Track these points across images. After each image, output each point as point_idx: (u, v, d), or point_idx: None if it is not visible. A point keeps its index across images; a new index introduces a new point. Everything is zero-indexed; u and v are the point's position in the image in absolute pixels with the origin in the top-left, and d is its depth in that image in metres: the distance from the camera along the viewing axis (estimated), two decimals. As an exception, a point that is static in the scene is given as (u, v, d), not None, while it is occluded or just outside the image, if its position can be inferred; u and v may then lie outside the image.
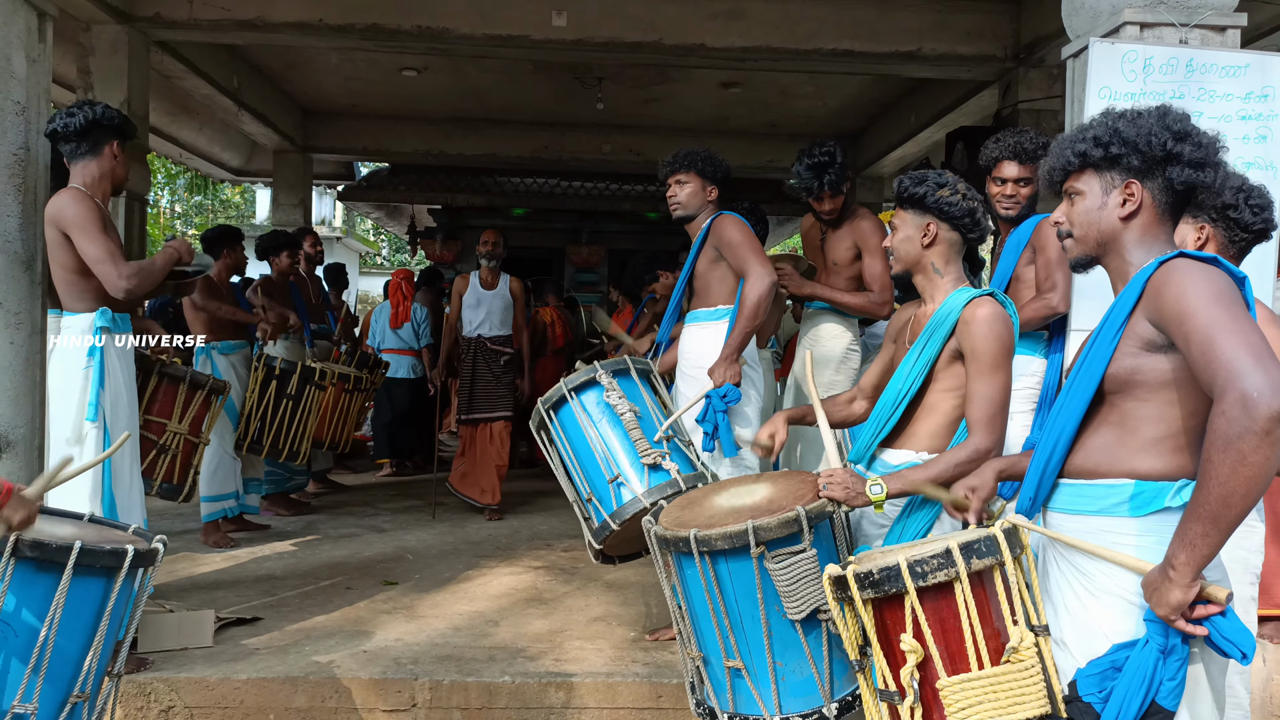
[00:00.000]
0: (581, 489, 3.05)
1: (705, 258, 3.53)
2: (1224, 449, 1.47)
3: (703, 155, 3.55)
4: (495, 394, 5.93)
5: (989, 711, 1.74)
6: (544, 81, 7.87)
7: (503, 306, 5.95)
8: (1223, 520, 1.50)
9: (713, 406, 3.20)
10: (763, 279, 3.29)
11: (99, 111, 3.12)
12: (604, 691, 3.07)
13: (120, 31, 5.63)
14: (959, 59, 6.01)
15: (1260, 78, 2.83)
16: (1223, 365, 1.50)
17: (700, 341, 3.50)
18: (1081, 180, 1.82)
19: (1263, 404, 1.44)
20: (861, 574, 1.84)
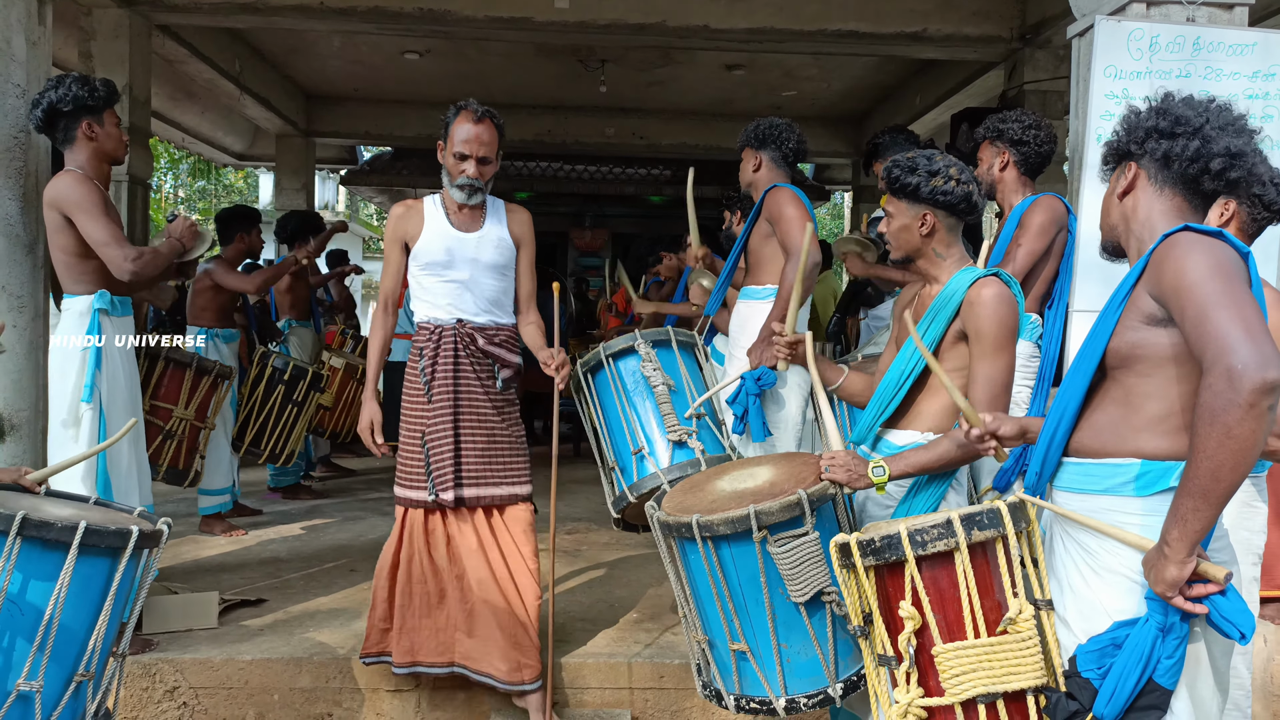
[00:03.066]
0: (608, 456, 3.05)
1: (759, 231, 3.41)
2: (1210, 423, 1.47)
3: (752, 126, 3.48)
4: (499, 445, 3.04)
5: (983, 679, 1.76)
6: (547, 64, 7.83)
7: (500, 263, 3.01)
8: (1212, 495, 1.50)
9: (745, 389, 3.10)
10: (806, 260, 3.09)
11: (56, 98, 2.99)
12: (606, 671, 3.08)
13: (122, 15, 5.61)
14: (964, 40, 5.97)
15: (1267, 56, 2.80)
16: (1213, 339, 1.49)
17: (746, 319, 3.39)
18: (1113, 175, 1.88)
19: (1248, 377, 1.44)
20: (864, 541, 1.87)
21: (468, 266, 2.94)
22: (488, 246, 2.97)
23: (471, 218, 2.97)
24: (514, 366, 3.02)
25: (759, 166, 3.45)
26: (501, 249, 2.99)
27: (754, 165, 3.46)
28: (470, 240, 2.95)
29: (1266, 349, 1.46)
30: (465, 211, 2.96)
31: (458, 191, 2.89)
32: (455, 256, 2.93)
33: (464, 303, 2.96)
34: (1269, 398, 1.44)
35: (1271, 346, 1.47)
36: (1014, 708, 1.79)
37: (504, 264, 3.01)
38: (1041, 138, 3.13)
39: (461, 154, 2.85)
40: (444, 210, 2.98)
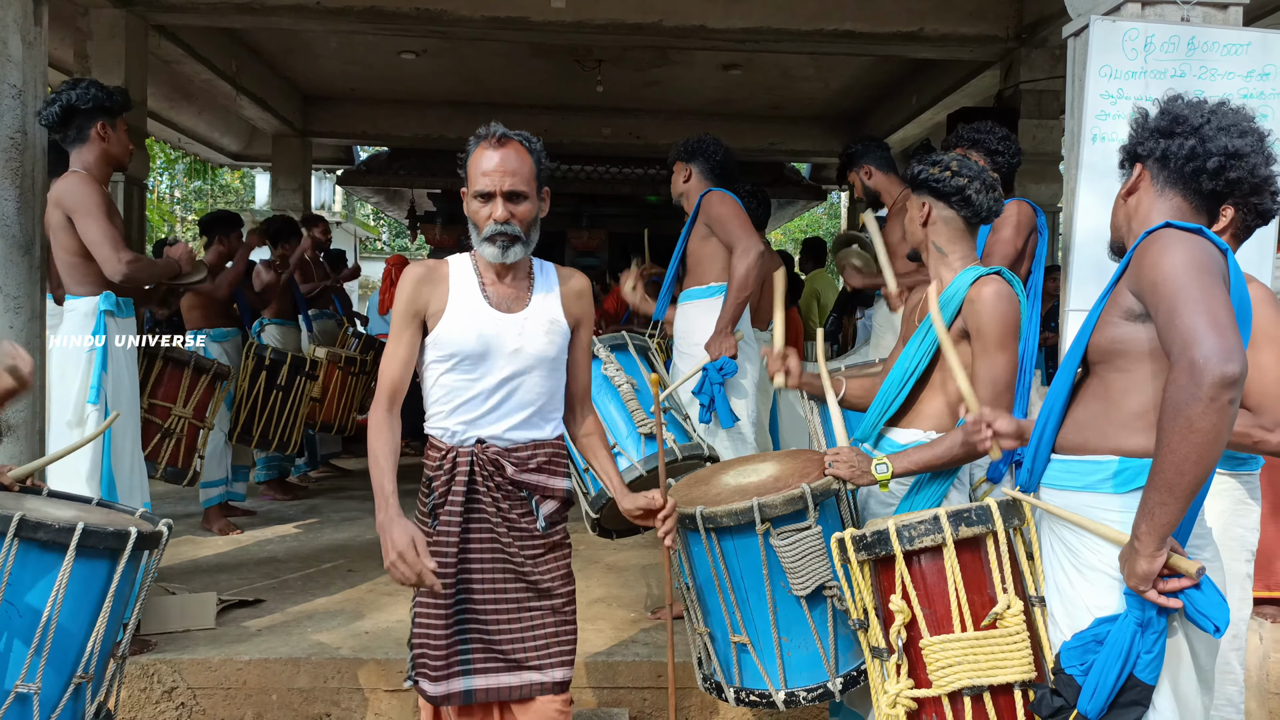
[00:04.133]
0: (579, 459, 3.07)
1: (696, 235, 3.62)
2: (1174, 417, 1.48)
3: (682, 142, 3.74)
4: (535, 614, 2.24)
5: (969, 672, 1.79)
6: (543, 64, 7.84)
7: (552, 355, 2.24)
8: (1178, 488, 1.51)
9: (709, 379, 3.29)
10: (749, 251, 3.36)
11: (75, 96, 3.07)
12: (604, 671, 3.08)
13: (118, 15, 5.61)
14: (961, 39, 5.98)
15: (1262, 56, 2.81)
16: (1180, 333, 1.51)
17: (694, 319, 3.57)
18: None
19: (1208, 371, 1.45)
20: (857, 537, 1.92)
21: (509, 361, 2.14)
22: (537, 332, 2.17)
23: (515, 290, 2.18)
24: (561, 496, 2.25)
25: (689, 178, 3.72)
26: (554, 334, 2.19)
27: (684, 177, 3.74)
28: (513, 324, 2.15)
29: (1229, 343, 1.47)
30: (507, 281, 2.17)
31: (488, 247, 2.09)
32: (493, 347, 2.13)
33: (495, 414, 2.15)
34: (1229, 391, 1.46)
35: (1236, 340, 1.48)
36: (1001, 701, 1.81)
37: (556, 356, 2.21)
38: (1013, 149, 3.34)
39: (484, 192, 2.06)
40: (477, 278, 2.18)
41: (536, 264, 2.25)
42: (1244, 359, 1.47)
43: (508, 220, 2.08)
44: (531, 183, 2.12)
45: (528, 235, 2.13)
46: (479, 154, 2.10)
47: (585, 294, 2.30)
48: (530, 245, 2.16)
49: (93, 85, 3.12)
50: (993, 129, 3.30)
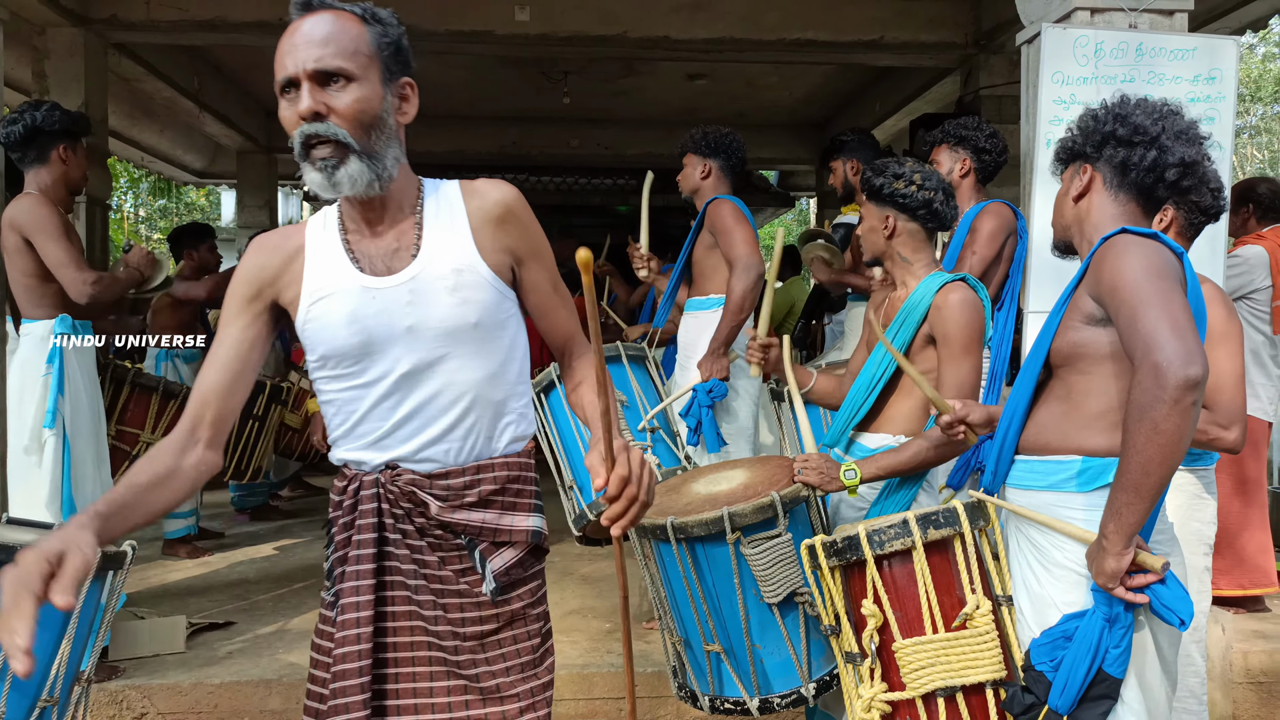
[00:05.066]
0: (565, 474, 3.06)
1: (702, 243, 3.44)
2: (1139, 419, 1.52)
3: (700, 133, 3.46)
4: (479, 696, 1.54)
5: (941, 673, 1.81)
6: (510, 77, 7.85)
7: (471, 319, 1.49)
8: (1144, 489, 1.54)
9: (697, 401, 3.15)
10: (749, 271, 3.18)
11: (40, 117, 3.06)
12: (580, 683, 3.08)
13: (76, 34, 5.55)
14: (921, 47, 6.06)
15: (1208, 60, 2.89)
16: (1142, 337, 1.55)
17: (695, 332, 3.43)
18: (1065, 173, 1.94)
19: (1171, 373, 1.49)
20: (828, 543, 1.93)
21: (405, 348, 1.47)
22: (438, 293, 1.46)
23: (394, 237, 1.49)
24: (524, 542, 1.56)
25: (708, 174, 3.44)
26: (469, 289, 1.47)
27: (702, 172, 3.45)
28: (398, 291, 1.46)
29: (1191, 346, 1.51)
30: (381, 227, 1.49)
31: (308, 171, 1.41)
32: (374, 332, 1.46)
33: (405, 430, 1.50)
34: (1192, 393, 1.49)
35: (1196, 343, 1.52)
36: (974, 701, 1.83)
37: (482, 321, 1.49)
38: (1000, 147, 3.23)
39: (285, 80, 1.39)
40: (341, 233, 1.51)
41: (429, 187, 1.54)
42: (1205, 361, 1.51)
43: (318, 115, 1.36)
44: (362, 59, 1.40)
45: (369, 141, 1.40)
46: (285, 34, 1.42)
47: (514, 212, 1.51)
48: (382, 160, 1.42)
49: (57, 108, 3.13)
50: (980, 125, 3.19)
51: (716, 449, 3.18)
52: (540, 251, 1.58)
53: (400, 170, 1.50)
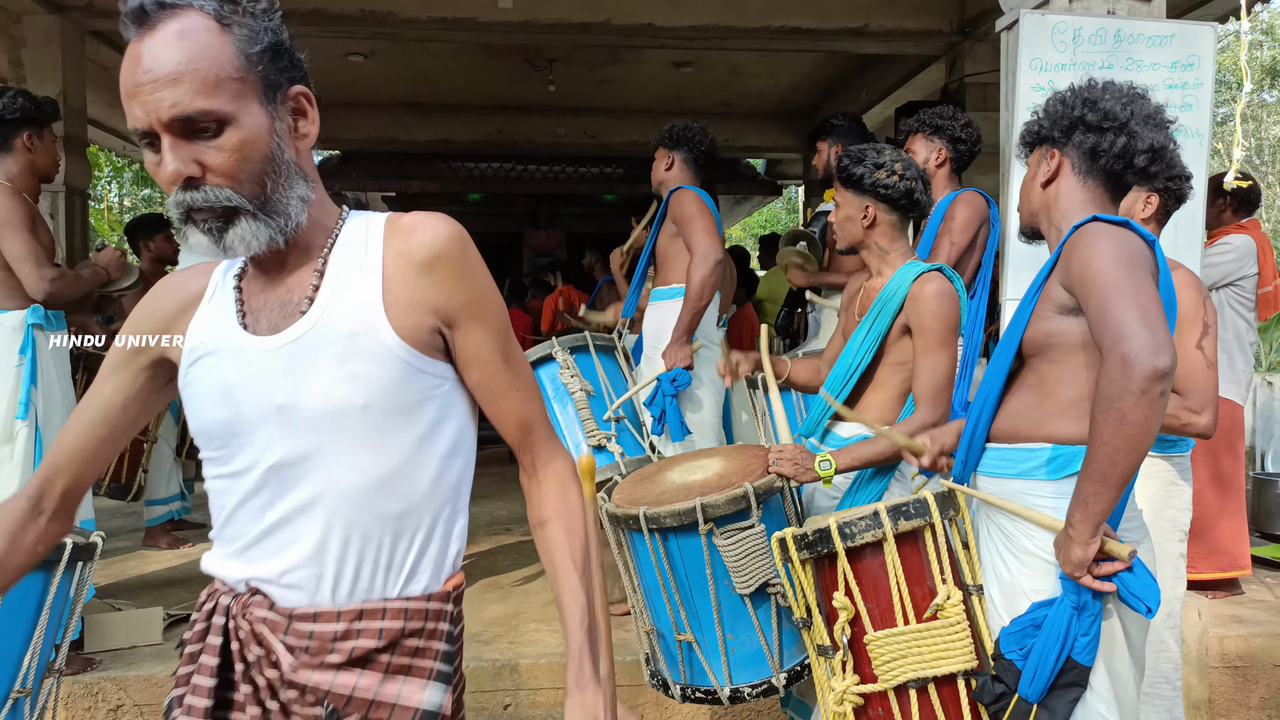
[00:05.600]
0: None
1: (665, 233, 3.48)
2: (1106, 409, 1.51)
3: (668, 127, 3.54)
4: None
5: (913, 665, 1.80)
6: (494, 65, 7.80)
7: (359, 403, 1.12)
8: (1110, 478, 1.54)
9: (661, 390, 3.16)
10: (707, 259, 3.22)
11: (2, 106, 3.01)
12: (557, 672, 3.08)
13: (52, 22, 5.49)
14: (905, 34, 6.04)
15: (1185, 47, 2.88)
16: (1111, 326, 1.54)
17: (658, 321, 3.45)
18: (1031, 159, 1.92)
19: (1139, 364, 1.48)
20: (799, 536, 1.91)
21: (277, 430, 1.13)
22: (322, 364, 1.13)
23: (292, 285, 1.18)
24: None
25: (671, 165, 3.53)
26: (361, 360, 1.13)
27: (666, 164, 3.54)
28: (276, 356, 1.14)
29: (1160, 336, 1.50)
30: (282, 273, 1.19)
31: (194, 233, 1.10)
32: (243, 407, 1.14)
33: (267, 542, 1.16)
34: (1160, 384, 1.49)
35: (1165, 333, 1.52)
36: (945, 692, 1.83)
37: (374, 405, 1.13)
38: (974, 137, 3.26)
39: (140, 132, 1.08)
40: (237, 277, 1.23)
41: (350, 222, 1.21)
42: (1174, 351, 1.50)
43: (192, 181, 1.07)
44: (232, 86, 1.07)
45: (264, 193, 1.10)
46: (124, 60, 1.08)
47: (445, 257, 1.16)
48: (283, 209, 1.12)
49: (20, 94, 3.07)
50: (955, 115, 3.21)
51: (680, 438, 3.19)
52: (484, 310, 1.17)
53: (313, 206, 1.16)
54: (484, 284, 1.20)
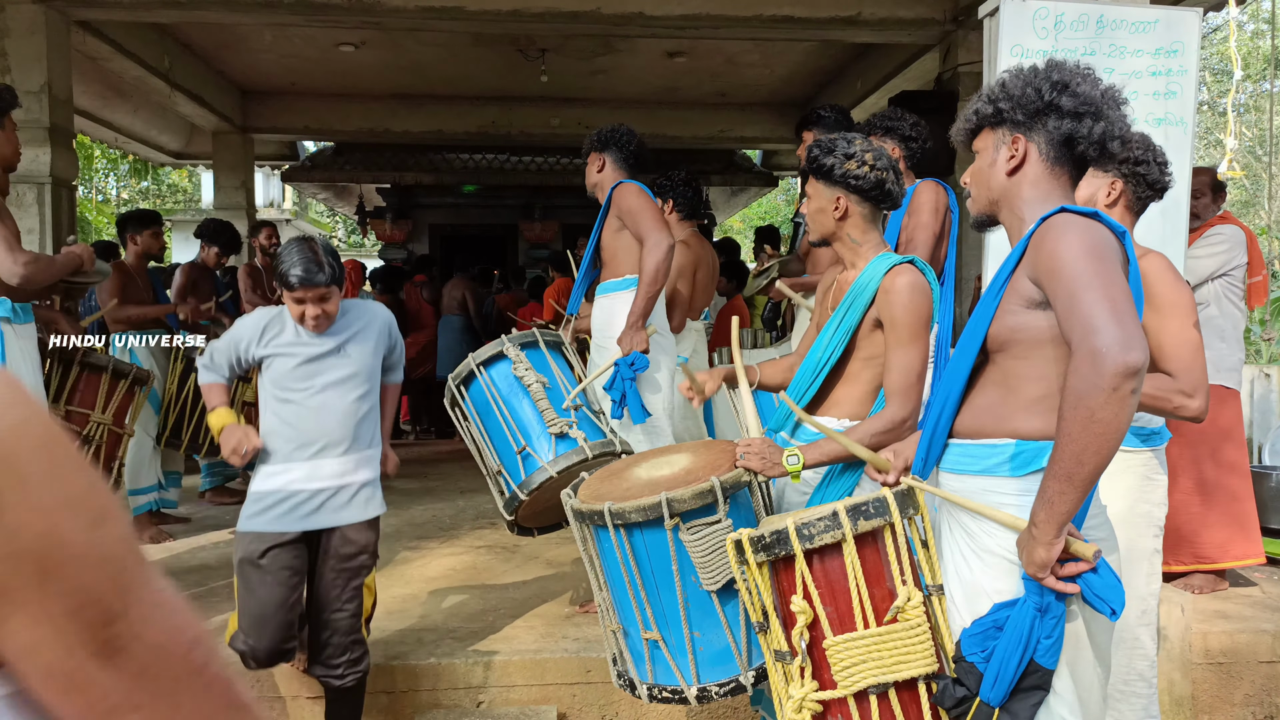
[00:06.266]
0: (491, 463, 3.04)
1: (609, 228, 3.55)
2: (1075, 405, 1.46)
3: (595, 133, 3.67)
4: None
5: (873, 670, 1.75)
6: (486, 55, 7.74)
7: None
8: (1077, 478, 1.49)
9: (620, 375, 3.20)
10: (660, 245, 3.28)
11: None
12: (532, 669, 3.05)
13: (37, 11, 5.44)
14: (899, 23, 5.97)
15: (1169, 33, 2.82)
16: (1080, 321, 1.48)
17: (609, 312, 3.50)
18: (981, 140, 1.83)
19: (1109, 360, 1.43)
20: (755, 537, 1.84)
21: None
22: None
23: None
24: None
25: (602, 168, 3.65)
26: None
27: (597, 167, 3.66)
28: None
29: (1130, 331, 1.45)
30: None
31: None
32: None
33: None
34: (1131, 381, 1.43)
35: (1136, 329, 1.46)
36: (906, 697, 1.77)
37: None
38: (925, 134, 3.30)
39: None
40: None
41: None
42: (1145, 347, 1.44)
43: None
44: None
45: None
46: None
47: None
48: None
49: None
50: (903, 115, 3.28)
51: (642, 419, 3.23)
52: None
53: None
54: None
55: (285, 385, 2.68)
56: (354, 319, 2.78)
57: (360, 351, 2.74)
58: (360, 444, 2.73)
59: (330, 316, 2.65)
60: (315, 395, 2.66)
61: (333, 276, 2.59)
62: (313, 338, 2.68)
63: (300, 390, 2.67)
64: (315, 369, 2.68)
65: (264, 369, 2.72)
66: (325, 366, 2.69)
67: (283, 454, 2.67)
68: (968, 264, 5.13)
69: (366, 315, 2.81)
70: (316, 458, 2.66)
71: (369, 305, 2.85)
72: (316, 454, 2.66)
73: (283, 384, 2.69)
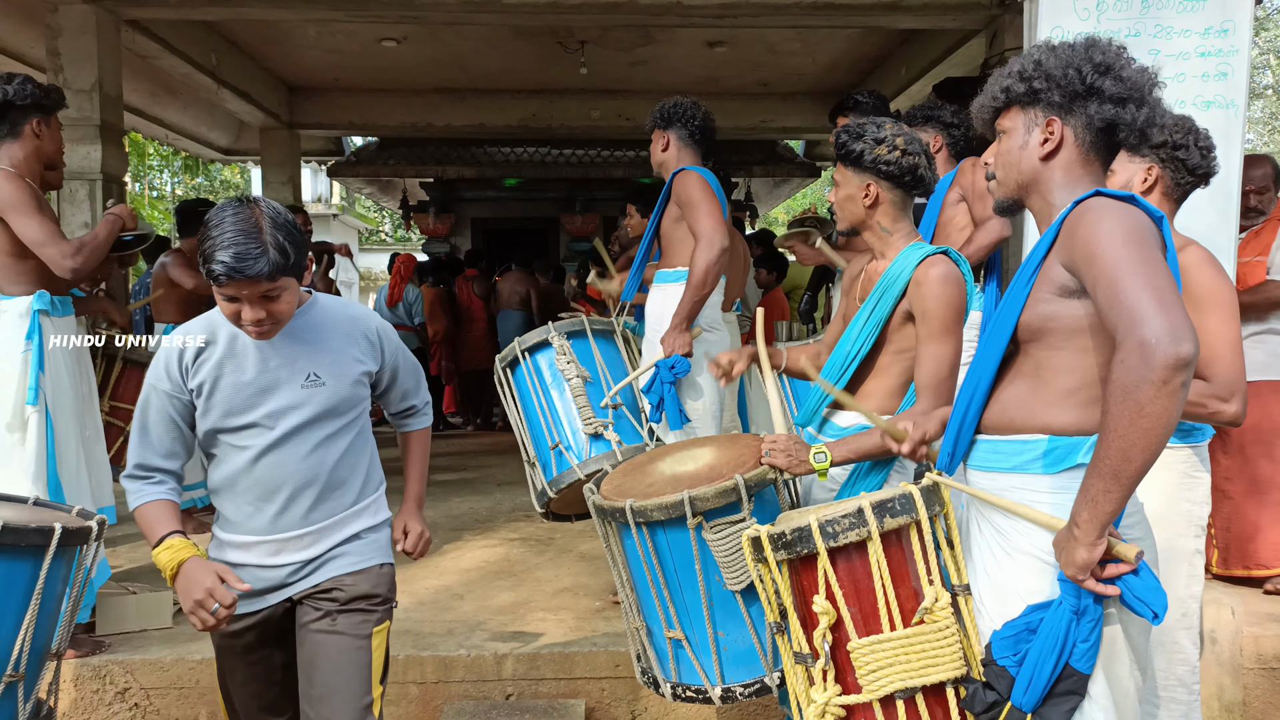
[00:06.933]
0: (529, 451, 3.02)
1: (669, 215, 3.40)
2: (1122, 399, 1.39)
3: (658, 107, 3.45)
4: None
5: (900, 674, 1.69)
6: (526, 47, 7.74)
7: None
8: (1123, 475, 1.42)
9: (660, 377, 3.09)
10: (712, 246, 3.13)
11: (11, 91, 3.02)
12: (560, 662, 3.04)
13: (87, 11, 5.55)
14: (942, 7, 5.83)
15: (1220, 12, 2.69)
16: (1125, 310, 1.41)
17: (662, 304, 3.37)
18: (1008, 118, 1.75)
19: (1160, 351, 1.35)
20: (775, 535, 1.79)
21: None
22: None
23: None
24: None
25: (666, 146, 3.44)
26: None
27: (662, 145, 3.46)
28: None
29: (1178, 320, 1.38)
30: None
31: None
32: None
33: None
34: (1182, 373, 1.36)
35: (1184, 317, 1.39)
36: (934, 701, 1.72)
37: None
38: (967, 121, 3.15)
39: None
40: None
41: None
42: (1195, 337, 1.37)
43: None
44: None
45: None
46: None
47: None
48: None
49: (29, 81, 3.09)
50: (941, 104, 3.27)
51: (679, 425, 3.10)
52: None
53: None
54: None
55: (223, 428, 1.94)
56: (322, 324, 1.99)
57: (335, 373, 1.97)
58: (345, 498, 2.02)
59: (279, 319, 1.87)
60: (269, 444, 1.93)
61: (283, 262, 1.78)
62: (260, 357, 1.93)
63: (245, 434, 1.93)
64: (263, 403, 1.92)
65: (198, 410, 1.96)
66: (280, 399, 1.93)
67: (235, 523, 1.99)
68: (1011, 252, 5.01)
69: (343, 319, 2.03)
70: (279, 529, 1.97)
71: (345, 307, 2.10)
72: (278, 522, 1.96)
73: (220, 426, 1.94)
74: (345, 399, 2.00)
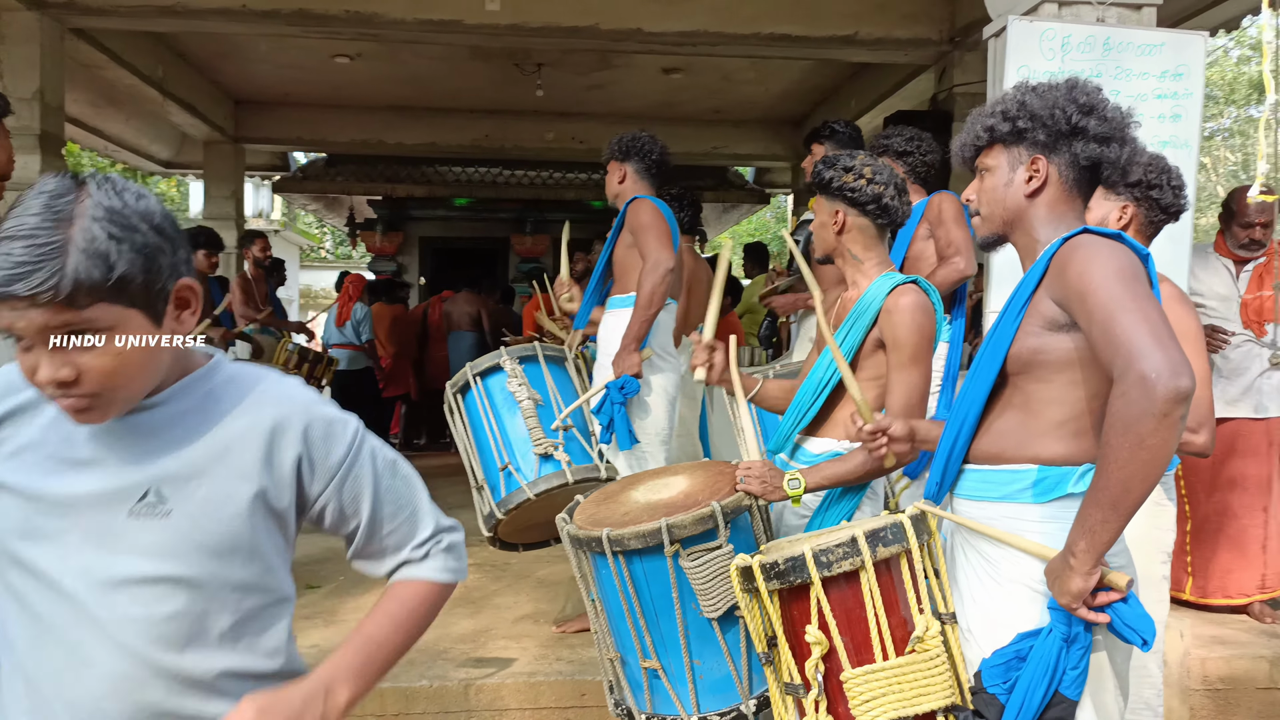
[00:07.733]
0: (478, 474, 3.01)
1: (622, 242, 3.47)
2: (1123, 432, 1.42)
3: (616, 139, 3.55)
4: None
5: (893, 703, 1.69)
6: (483, 68, 7.73)
7: None
8: (1122, 505, 1.45)
9: (610, 398, 3.11)
10: (658, 267, 3.20)
11: None
12: (526, 691, 2.99)
13: (32, 18, 5.40)
14: (896, 43, 6.00)
15: (1175, 56, 2.82)
16: (1122, 345, 1.45)
17: (613, 329, 3.42)
18: (990, 156, 1.78)
19: (1160, 385, 1.39)
20: (767, 564, 1.78)
21: None
22: None
23: None
24: None
25: (624, 178, 3.53)
26: None
27: (619, 177, 3.54)
28: None
29: (1175, 355, 1.42)
30: None
31: None
32: None
33: None
34: (1181, 407, 1.40)
35: (1180, 353, 1.43)
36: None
37: None
38: (924, 147, 3.27)
39: None
40: None
41: None
42: (1192, 372, 1.41)
43: None
44: None
45: None
46: None
47: None
48: None
49: None
50: (897, 131, 3.27)
51: (628, 446, 3.13)
52: None
53: None
54: None
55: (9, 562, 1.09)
56: (207, 410, 1.13)
57: (200, 496, 1.10)
58: None
59: (106, 388, 1.03)
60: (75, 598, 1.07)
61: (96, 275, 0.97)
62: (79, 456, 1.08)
63: (39, 577, 1.07)
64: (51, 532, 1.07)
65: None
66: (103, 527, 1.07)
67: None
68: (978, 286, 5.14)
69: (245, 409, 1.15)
70: None
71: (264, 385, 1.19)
72: None
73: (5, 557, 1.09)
74: (218, 547, 1.13)
